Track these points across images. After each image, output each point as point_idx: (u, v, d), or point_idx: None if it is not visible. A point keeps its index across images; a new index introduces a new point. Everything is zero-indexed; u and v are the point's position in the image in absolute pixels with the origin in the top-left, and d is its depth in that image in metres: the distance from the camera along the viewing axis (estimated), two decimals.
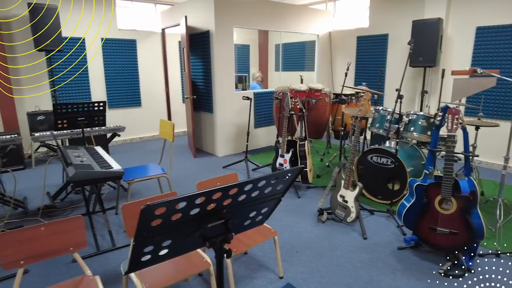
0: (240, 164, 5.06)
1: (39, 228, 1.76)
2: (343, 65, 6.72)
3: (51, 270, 2.58)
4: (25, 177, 4.68)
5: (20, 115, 5.52)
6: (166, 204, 0.83)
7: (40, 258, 1.77)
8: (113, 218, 3.43)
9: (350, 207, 3.18)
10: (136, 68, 6.65)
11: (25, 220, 3.39)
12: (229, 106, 5.57)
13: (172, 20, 6.35)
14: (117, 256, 2.76)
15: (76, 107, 3.53)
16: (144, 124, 6.95)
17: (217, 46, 5.25)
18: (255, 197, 1.10)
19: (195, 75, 5.88)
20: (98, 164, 2.70)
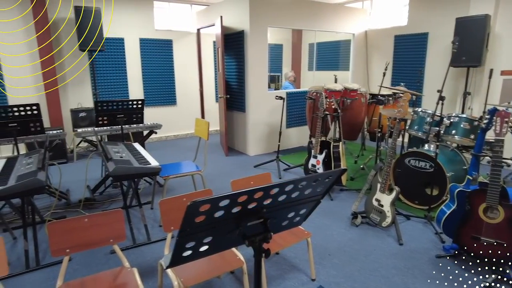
0: (272, 164, 5.06)
1: (83, 220, 1.84)
2: (379, 65, 6.54)
3: (91, 260, 2.70)
4: (67, 171, 4.94)
5: (64, 111, 5.84)
6: (211, 201, 0.84)
7: (83, 248, 1.86)
8: (148, 212, 3.54)
9: (385, 211, 3.08)
10: (172, 67, 6.82)
11: (67, 211, 3.58)
12: (262, 105, 5.58)
13: (207, 21, 6.45)
14: (152, 249, 2.85)
15: (116, 104, 3.68)
16: (178, 122, 7.12)
17: (251, 46, 5.28)
18: (295, 198, 1.09)
19: (229, 74, 5.94)
20: (136, 160, 2.79)
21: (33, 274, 2.55)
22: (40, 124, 3.39)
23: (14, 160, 2.94)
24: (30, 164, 2.69)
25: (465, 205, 2.45)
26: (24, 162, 2.79)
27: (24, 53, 5.47)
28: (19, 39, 5.41)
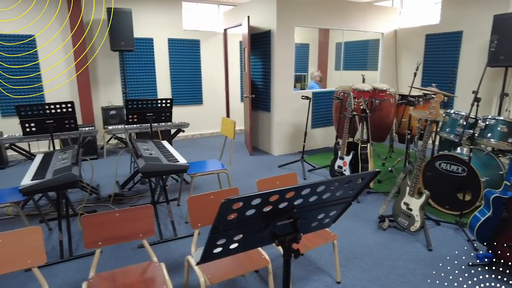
0: (296, 164, 5.03)
1: (114, 214, 1.91)
2: (409, 65, 6.35)
3: (120, 253, 2.79)
4: (98, 166, 5.12)
5: (95, 109, 6.06)
6: (243, 200, 0.85)
7: (114, 241, 1.93)
8: (175, 209, 3.61)
9: (414, 215, 2.99)
10: (199, 67, 6.93)
11: (98, 205, 3.71)
12: (287, 105, 5.56)
13: (234, 21, 6.50)
14: (178, 245, 2.90)
15: (145, 103, 3.78)
16: (204, 121, 7.22)
17: (277, 45, 5.27)
18: (326, 199, 1.08)
19: (255, 74, 5.96)
20: (165, 157, 2.86)
21: (67, 264, 2.66)
22: (74, 121, 3.53)
23: (50, 155, 3.08)
24: (65, 159, 2.82)
25: (502, 212, 2.34)
26: (59, 157, 2.92)
27: (61, 58, 5.73)
28: (56, 40, 5.66)
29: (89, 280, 1.82)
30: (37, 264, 1.74)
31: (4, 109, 5.51)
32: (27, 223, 2.75)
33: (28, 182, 2.35)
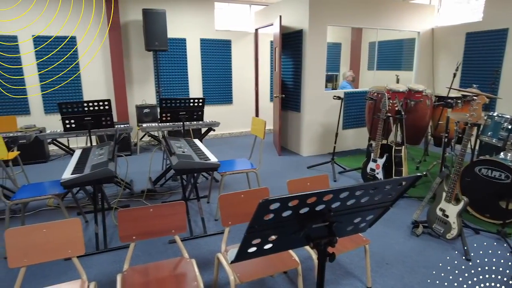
0: (326, 166, 4.95)
1: (149, 210, 1.96)
2: (447, 65, 6.08)
3: (151, 248, 2.86)
4: (131, 163, 5.29)
5: (129, 107, 6.27)
6: (281, 200, 0.84)
7: (147, 236, 1.98)
8: (204, 206, 3.66)
9: (451, 222, 2.85)
10: (230, 67, 6.99)
11: (131, 200, 3.84)
12: (317, 105, 5.49)
13: (265, 20, 6.50)
14: (208, 242, 2.94)
15: (178, 102, 3.86)
16: (233, 121, 7.28)
17: (309, 45, 5.21)
18: (364, 203, 1.05)
19: (285, 74, 5.93)
20: (197, 155, 2.90)
21: (101, 255, 2.77)
22: (110, 119, 3.67)
23: (88, 150, 3.22)
24: (102, 155, 2.93)
25: None
26: (96, 153, 3.04)
27: (98, 58, 5.98)
28: (95, 41, 5.91)
29: (123, 273, 1.88)
30: (77, 254, 1.83)
31: (46, 107, 5.83)
32: (66, 215, 2.88)
33: (68, 176, 2.47)
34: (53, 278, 2.49)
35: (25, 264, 1.75)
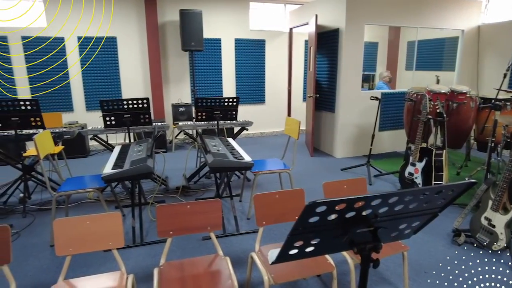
0: (361, 168, 4.82)
1: (186, 206, 1.99)
2: (494, 65, 5.74)
3: (185, 244, 2.92)
4: (166, 159, 5.43)
5: (165, 105, 6.44)
6: (328, 204, 0.82)
7: (183, 232, 2.02)
8: (237, 204, 3.68)
9: (498, 233, 2.68)
10: (263, 67, 7.00)
11: (166, 196, 3.94)
12: (353, 106, 5.36)
13: (300, 20, 6.44)
14: (240, 240, 2.96)
15: (213, 101, 3.91)
16: (266, 120, 7.29)
17: (346, 44, 5.10)
18: (412, 209, 1.00)
19: (320, 73, 5.85)
20: (231, 154, 2.93)
21: (138, 248, 2.86)
22: (149, 116, 3.78)
23: (127, 147, 3.34)
24: (140, 151, 3.03)
25: None
26: (135, 149, 3.14)
27: (137, 58, 6.19)
28: (134, 41, 6.13)
29: (160, 267, 1.93)
30: (117, 246, 1.89)
31: (88, 104, 6.12)
32: (106, 208, 3.00)
33: (109, 171, 2.57)
34: (93, 267, 2.60)
35: (70, 253, 1.84)
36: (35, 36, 5.66)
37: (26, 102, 3.50)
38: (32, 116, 3.56)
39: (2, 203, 3.77)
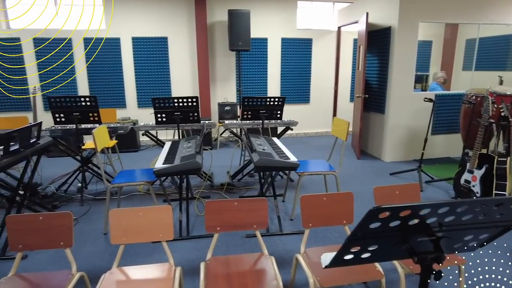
0: (411, 173, 4.57)
1: (233, 203, 2.02)
2: None
3: (229, 240, 2.96)
4: (210, 157, 5.55)
5: (212, 104, 6.59)
6: (392, 210, 0.78)
7: (230, 228, 2.04)
8: (280, 204, 3.67)
9: None
10: (309, 66, 6.91)
11: (211, 192, 4.03)
12: (404, 107, 5.11)
13: (349, 18, 6.27)
14: (283, 240, 2.94)
15: (259, 101, 3.93)
16: (310, 120, 7.19)
17: (398, 43, 4.87)
18: (481, 220, 0.92)
19: (369, 73, 5.65)
20: (277, 153, 2.92)
21: (184, 242, 2.95)
22: (197, 115, 3.89)
23: (177, 143, 3.46)
24: (189, 148, 3.12)
25: None
26: (184, 146, 3.25)
27: (186, 57, 6.40)
28: (183, 41, 6.34)
29: (206, 261, 1.97)
30: (166, 238, 1.97)
31: (140, 101, 6.44)
32: (155, 201, 3.14)
33: (160, 166, 2.68)
34: (142, 257, 2.73)
35: (124, 242, 1.94)
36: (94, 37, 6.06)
37: (86, 99, 3.76)
38: (90, 112, 3.82)
39: (63, 191, 4.09)
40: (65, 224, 1.89)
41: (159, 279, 1.83)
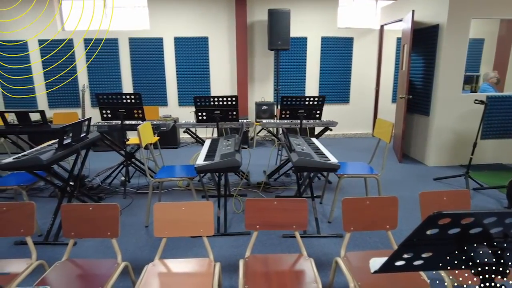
0: (457, 179, 4.32)
1: (273, 202, 2.02)
2: None
3: (266, 239, 2.96)
4: (247, 155, 5.59)
5: (249, 103, 6.64)
6: (454, 216, 0.73)
7: (269, 227, 2.04)
8: (317, 206, 3.62)
9: None
10: (350, 65, 6.75)
11: (248, 190, 4.05)
12: (451, 109, 4.83)
13: (393, 16, 6.04)
14: (321, 243, 2.89)
15: (299, 100, 3.89)
16: (349, 121, 7.02)
17: (446, 41, 4.62)
18: None
19: (413, 73, 5.41)
20: (316, 154, 2.87)
21: (221, 238, 2.99)
22: (236, 113, 3.93)
23: (216, 141, 3.52)
24: (229, 146, 3.16)
25: None
26: (224, 144, 3.29)
27: (226, 57, 6.49)
28: (223, 40, 6.43)
29: (245, 259, 1.98)
30: (207, 234, 2.00)
31: (180, 99, 6.62)
32: (195, 196, 3.21)
33: (201, 162, 2.73)
34: (180, 251, 2.80)
35: (166, 235, 2.00)
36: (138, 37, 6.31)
37: (131, 96, 3.92)
38: (135, 109, 3.98)
39: (108, 184, 4.30)
40: (112, 215, 1.98)
41: (199, 273, 1.87)
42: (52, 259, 2.15)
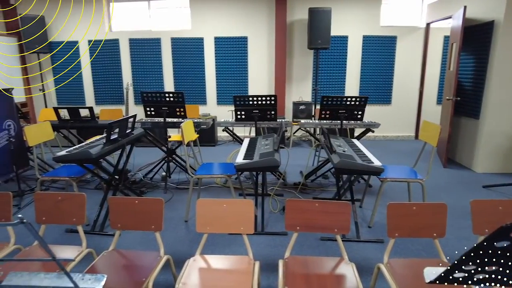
0: (509, 188, 4.03)
1: (314, 204, 1.99)
2: None
3: (304, 241, 2.92)
4: (284, 155, 5.56)
5: (287, 103, 6.60)
6: None
7: (309, 229, 2.01)
8: (357, 210, 3.52)
9: None
10: (392, 65, 6.50)
11: (284, 190, 4.03)
12: (505, 113, 4.51)
13: (440, 13, 5.74)
14: (360, 247, 2.81)
15: (339, 100, 3.81)
16: (390, 123, 6.77)
17: (502, 39, 4.31)
18: None
19: (462, 74, 5.11)
20: (358, 156, 2.80)
21: (259, 237, 3.00)
22: (275, 113, 3.92)
23: (255, 140, 3.53)
24: (267, 145, 3.16)
25: None
26: (263, 143, 3.30)
27: (265, 56, 6.50)
28: (262, 40, 6.45)
29: (285, 259, 1.97)
30: (247, 232, 2.01)
31: (219, 98, 6.73)
32: (234, 194, 3.25)
33: (241, 161, 2.76)
34: (220, 248, 2.84)
35: (208, 231, 2.04)
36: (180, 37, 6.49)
37: (174, 94, 4.04)
38: (177, 107, 4.09)
39: (149, 179, 4.46)
40: (156, 209, 2.05)
41: (239, 271, 1.88)
42: (98, 248, 2.27)
